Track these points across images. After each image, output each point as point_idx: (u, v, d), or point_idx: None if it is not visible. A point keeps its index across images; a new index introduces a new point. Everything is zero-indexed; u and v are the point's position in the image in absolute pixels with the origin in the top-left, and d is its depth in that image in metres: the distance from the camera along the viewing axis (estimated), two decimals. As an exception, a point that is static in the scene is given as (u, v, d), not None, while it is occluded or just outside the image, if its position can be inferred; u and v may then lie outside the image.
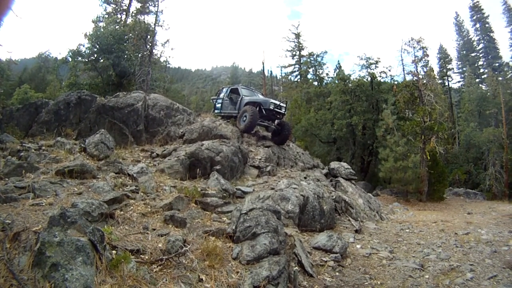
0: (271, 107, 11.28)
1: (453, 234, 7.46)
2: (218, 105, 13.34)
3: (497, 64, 34.98)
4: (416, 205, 14.94)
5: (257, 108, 11.32)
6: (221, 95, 13.56)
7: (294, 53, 35.50)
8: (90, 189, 5.09)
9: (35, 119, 9.96)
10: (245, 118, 11.16)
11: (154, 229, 4.17)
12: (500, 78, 30.80)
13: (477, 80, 33.52)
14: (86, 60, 19.61)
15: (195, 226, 4.77)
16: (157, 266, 3.31)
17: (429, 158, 16.08)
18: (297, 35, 35.55)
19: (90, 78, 19.59)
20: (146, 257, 3.40)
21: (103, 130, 8.23)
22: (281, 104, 11.81)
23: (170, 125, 11.41)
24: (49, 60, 33.15)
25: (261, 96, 13.46)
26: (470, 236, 7.19)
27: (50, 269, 2.36)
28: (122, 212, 4.47)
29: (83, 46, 19.35)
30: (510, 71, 33.70)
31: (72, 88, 15.91)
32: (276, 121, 11.80)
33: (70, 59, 20.16)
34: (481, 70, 35.90)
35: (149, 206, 4.96)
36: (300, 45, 35.34)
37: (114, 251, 3.15)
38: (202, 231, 4.52)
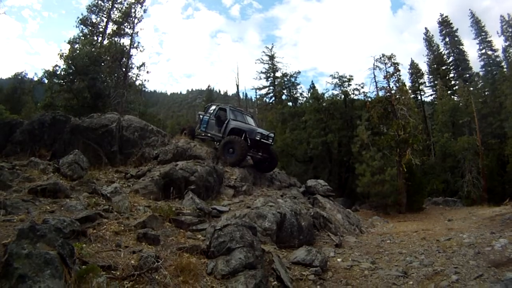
0: (257, 137, 10.92)
1: (435, 241, 7.47)
2: (204, 124, 12.75)
3: (467, 75, 35.83)
4: (396, 217, 15.06)
5: (243, 137, 10.86)
6: (209, 112, 13.02)
7: (268, 75, 35.61)
8: (62, 208, 5.00)
9: (9, 139, 9.68)
10: (231, 150, 10.66)
11: (127, 247, 4.12)
12: (471, 88, 31.79)
13: (449, 92, 34.28)
14: (62, 81, 19.36)
15: (169, 243, 4.73)
16: (129, 282, 3.27)
17: (405, 170, 16.43)
18: (271, 57, 35.77)
19: (65, 100, 19.24)
20: (118, 273, 3.36)
21: (77, 150, 8.12)
22: (269, 135, 11.49)
23: (145, 146, 11.26)
24: (25, 82, 32.30)
25: (249, 120, 12.88)
26: (452, 241, 7.20)
27: (17, 280, 2.33)
28: (94, 231, 4.39)
29: (59, 67, 19.17)
30: (480, 81, 35.02)
31: (48, 110, 15.59)
32: (262, 150, 11.54)
33: (45, 80, 19.86)
34: (452, 82, 36.67)
35: (122, 225, 4.88)
36: (275, 67, 35.51)
37: (84, 266, 3.11)
38: (176, 248, 4.49)
